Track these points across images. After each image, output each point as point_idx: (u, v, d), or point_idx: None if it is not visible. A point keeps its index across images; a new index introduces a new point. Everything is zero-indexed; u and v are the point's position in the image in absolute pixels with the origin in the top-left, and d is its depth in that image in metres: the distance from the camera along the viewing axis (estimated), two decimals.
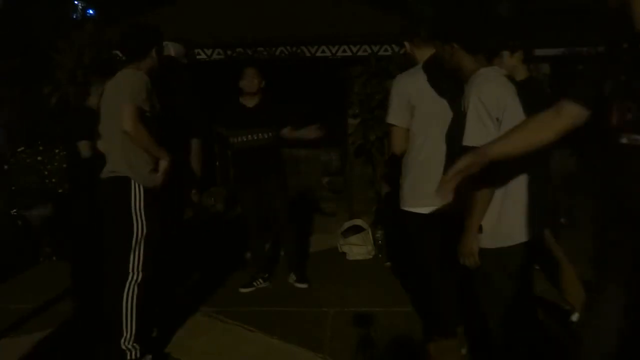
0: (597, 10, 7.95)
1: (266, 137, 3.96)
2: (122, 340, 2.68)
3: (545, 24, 7.75)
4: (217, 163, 8.53)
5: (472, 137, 2.00)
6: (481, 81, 2.05)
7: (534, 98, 2.71)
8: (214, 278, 4.24)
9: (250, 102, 4.01)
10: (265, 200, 4.06)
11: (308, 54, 6.48)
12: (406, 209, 2.66)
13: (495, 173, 1.99)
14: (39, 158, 6.94)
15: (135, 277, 2.71)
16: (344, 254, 4.79)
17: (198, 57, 6.63)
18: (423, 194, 2.50)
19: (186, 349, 3.02)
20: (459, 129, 2.09)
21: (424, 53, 2.61)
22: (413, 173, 2.60)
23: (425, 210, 2.54)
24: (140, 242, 2.71)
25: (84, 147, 3.48)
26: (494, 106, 2.00)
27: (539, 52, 7.13)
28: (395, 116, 2.61)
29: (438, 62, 2.48)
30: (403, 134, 2.60)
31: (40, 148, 6.66)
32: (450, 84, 2.46)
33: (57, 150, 6.89)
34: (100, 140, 2.92)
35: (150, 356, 2.77)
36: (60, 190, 6.19)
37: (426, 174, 2.50)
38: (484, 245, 2.12)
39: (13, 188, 5.61)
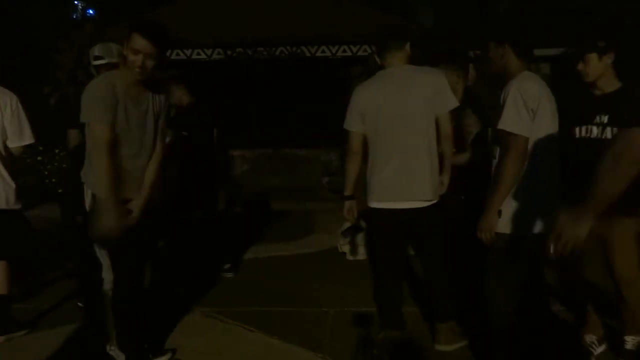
0: (597, 10, 7.97)
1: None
2: (108, 345, 2.73)
3: (545, 24, 7.75)
4: None
5: (507, 122, 2.21)
6: (522, 78, 2.28)
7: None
8: (214, 278, 4.23)
9: None
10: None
11: (308, 54, 6.50)
12: (372, 206, 2.89)
13: (524, 158, 2.21)
14: (39, 158, 6.95)
15: (108, 285, 2.69)
16: (344, 254, 4.79)
17: (198, 57, 6.63)
18: (384, 191, 2.82)
19: (186, 349, 3.02)
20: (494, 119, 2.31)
21: (388, 62, 2.84)
22: (374, 173, 2.86)
23: (388, 205, 2.82)
24: (100, 247, 2.65)
25: (72, 135, 3.44)
26: (531, 98, 2.21)
27: (539, 52, 7.14)
28: (349, 124, 2.90)
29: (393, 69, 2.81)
30: (359, 138, 2.88)
31: (40, 148, 6.67)
32: (408, 87, 2.75)
33: (57, 150, 6.89)
34: None
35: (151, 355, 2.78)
36: (60, 190, 6.18)
37: (383, 172, 2.79)
38: (500, 229, 2.27)
39: None
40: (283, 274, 4.34)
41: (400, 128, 2.74)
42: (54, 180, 6.82)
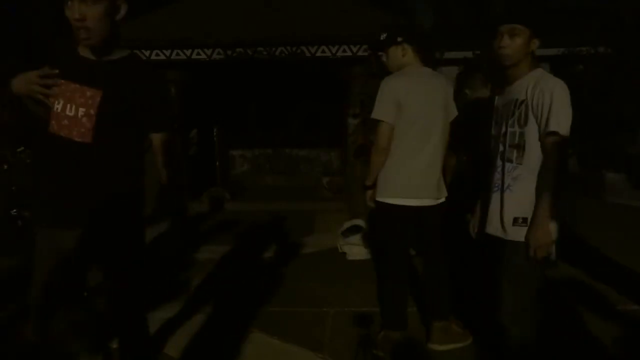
0: (597, 10, 7.97)
1: None
2: None
3: (545, 24, 7.76)
4: (217, 163, 8.54)
5: (565, 124, 2.01)
6: (550, 75, 2.14)
7: None
8: (213, 278, 4.24)
9: None
10: None
11: (308, 54, 6.49)
12: (384, 200, 2.82)
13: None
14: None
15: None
16: (344, 254, 4.79)
17: (198, 57, 6.62)
18: (411, 187, 2.76)
19: (185, 349, 3.02)
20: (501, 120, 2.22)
21: (410, 59, 2.82)
22: (401, 167, 2.79)
23: (411, 202, 2.77)
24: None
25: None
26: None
27: (539, 52, 7.15)
28: (383, 113, 2.73)
29: (422, 65, 2.82)
30: (390, 130, 2.74)
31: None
32: (435, 86, 2.77)
33: None
34: None
35: None
36: None
37: (408, 169, 2.75)
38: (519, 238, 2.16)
39: (13, 188, 5.61)
40: (283, 274, 4.35)
41: (432, 126, 2.77)
42: None
